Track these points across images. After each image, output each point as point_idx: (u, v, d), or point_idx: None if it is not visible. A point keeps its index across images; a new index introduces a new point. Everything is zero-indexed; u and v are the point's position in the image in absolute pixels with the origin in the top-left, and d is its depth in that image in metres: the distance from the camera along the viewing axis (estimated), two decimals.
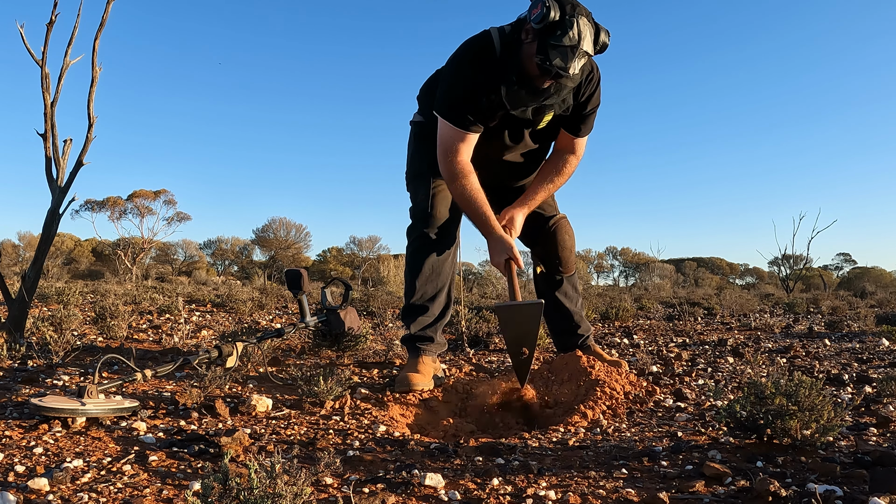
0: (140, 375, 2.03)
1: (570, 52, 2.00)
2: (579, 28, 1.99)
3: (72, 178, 3.09)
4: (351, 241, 35.07)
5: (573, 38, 1.99)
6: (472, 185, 2.25)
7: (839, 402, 1.65)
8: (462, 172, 2.25)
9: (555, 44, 1.99)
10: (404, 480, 1.35)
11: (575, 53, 2.01)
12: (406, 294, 2.53)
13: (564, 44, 1.99)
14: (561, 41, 1.99)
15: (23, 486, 1.27)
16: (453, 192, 2.30)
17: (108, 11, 3.13)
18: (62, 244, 30.60)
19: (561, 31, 1.99)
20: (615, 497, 1.28)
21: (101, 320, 3.71)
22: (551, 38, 2.00)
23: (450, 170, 2.26)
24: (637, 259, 37.74)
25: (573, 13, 2.00)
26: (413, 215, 2.54)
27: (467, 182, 2.25)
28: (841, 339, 3.97)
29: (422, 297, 2.49)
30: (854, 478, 1.33)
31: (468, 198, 2.25)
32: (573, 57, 2.01)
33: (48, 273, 19.65)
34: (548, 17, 1.98)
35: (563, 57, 2.00)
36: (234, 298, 6.25)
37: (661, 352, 3.35)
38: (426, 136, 2.46)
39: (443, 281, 2.51)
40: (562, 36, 1.99)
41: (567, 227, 2.58)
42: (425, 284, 2.48)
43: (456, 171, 2.25)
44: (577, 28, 1.99)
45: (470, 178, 2.25)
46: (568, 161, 2.45)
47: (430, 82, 2.51)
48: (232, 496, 1.05)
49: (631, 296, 10.38)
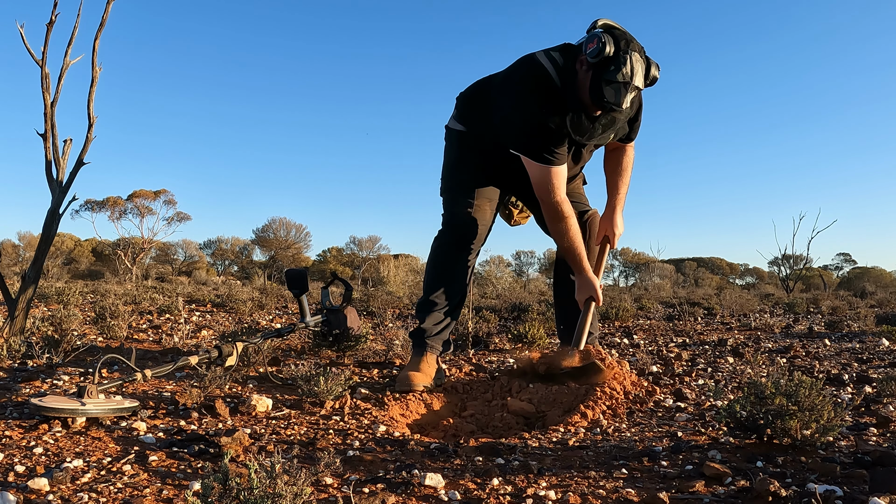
0: (140, 375, 2.03)
1: (623, 89, 2.09)
2: (632, 64, 2.08)
3: (72, 178, 3.09)
4: (351, 241, 35.07)
5: (626, 75, 2.08)
6: (574, 227, 2.36)
7: (839, 402, 1.65)
8: (565, 214, 2.34)
9: (609, 79, 2.08)
10: (404, 480, 1.35)
11: (627, 89, 2.10)
12: (426, 289, 2.57)
13: (618, 80, 2.07)
14: (615, 77, 2.07)
15: (23, 486, 1.27)
16: (554, 230, 2.38)
17: (108, 11, 3.13)
18: (62, 244, 30.59)
19: (615, 66, 2.07)
20: (615, 497, 1.28)
21: (101, 320, 3.72)
22: (605, 73, 2.08)
23: (553, 210, 2.34)
24: (637, 259, 37.74)
25: (627, 49, 2.08)
26: (447, 223, 2.57)
27: (570, 224, 2.35)
28: (841, 339, 3.97)
29: (440, 295, 2.52)
30: (854, 478, 1.33)
31: (569, 239, 2.36)
32: (626, 92, 2.10)
33: (48, 273, 19.65)
34: (603, 52, 2.06)
35: (616, 92, 2.10)
36: (234, 298, 6.25)
37: (661, 352, 3.36)
38: (469, 146, 2.52)
39: (461, 284, 2.56)
40: (615, 72, 2.07)
41: (598, 221, 2.67)
42: (447, 284, 2.52)
43: (559, 212, 2.34)
44: (630, 64, 2.08)
45: (571, 220, 2.36)
46: (628, 153, 2.61)
47: (476, 91, 2.53)
48: (232, 496, 1.05)
49: (631, 296, 10.38)
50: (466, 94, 2.57)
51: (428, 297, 2.54)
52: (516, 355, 3.21)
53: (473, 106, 2.52)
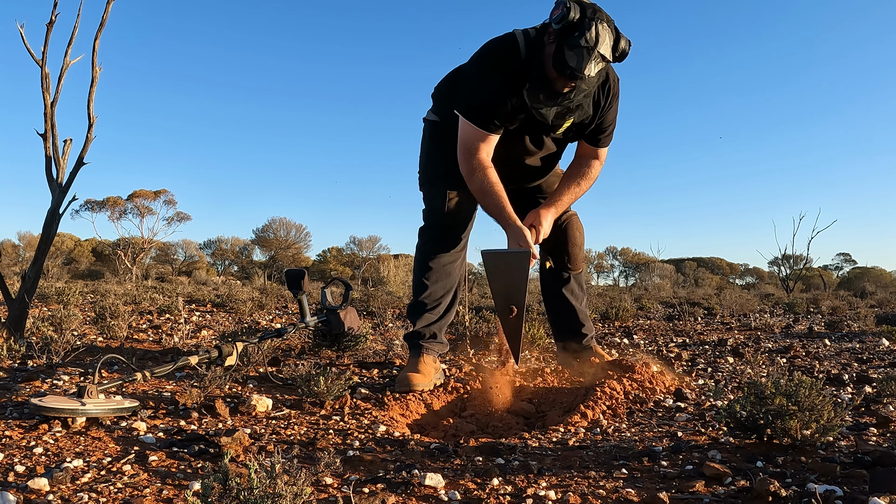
0: (140, 375, 2.03)
1: (587, 54, 2.01)
2: (597, 30, 2.01)
3: (72, 178, 3.09)
4: (351, 241, 35.08)
5: (590, 40, 2.00)
6: (491, 177, 2.24)
7: (839, 402, 1.65)
8: (481, 166, 2.25)
9: (572, 44, 2.01)
10: (404, 480, 1.35)
11: (591, 55, 2.01)
12: (415, 291, 2.54)
13: (581, 45, 2.00)
14: (578, 42, 2.00)
15: (23, 486, 1.27)
16: (472, 185, 2.29)
17: (108, 11, 3.13)
18: (62, 244, 30.59)
19: (579, 32, 2.00)
20: (615, 497, 1.28)
21: (101, 320, 3.71)
22: (569, 38, 2.01)
23: (469, 165, 2.27)
24: (637, 259, 37.74)
25: (593, 16, 2.02)
26: (427, 218, 2.54)
27: (486, 175, 2.24)
28: (841, 339, 3.97)
29: (430, 295, 2.49)
30: (854, 478, 1.33)
31: (487, 190, 2.23)
32: (589, 59, 2.02)
33: (48, 273, 19.65)
34: (567, 16, 2.01)
35: (579, 58, 2.01)
36: (234, 298, 6.25)
37: (661, 352, 3.36)
38: (442, 135, 2.47)
39: (451, 282, 2.52)
40: (579, 37, 2.00)
41: (578, 223, 2.59)
42: (435, 283, 2.49)
43: (475, 165, 2.25)
44: (596, 30, 2.01)
45: (489, 171, 2.25)
46: (592, 166, 2.46)
47: (447, 80, 2.51)
48: (232, 496, 1.05)
49: (631, 296, 10.38)
50: (440, 83, 2.54)
51: (417, 299, 2.51)
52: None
53: (446, 94, 2.49)
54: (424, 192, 2.58)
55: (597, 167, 2.47)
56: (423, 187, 2.59)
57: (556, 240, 2.57)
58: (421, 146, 2.64)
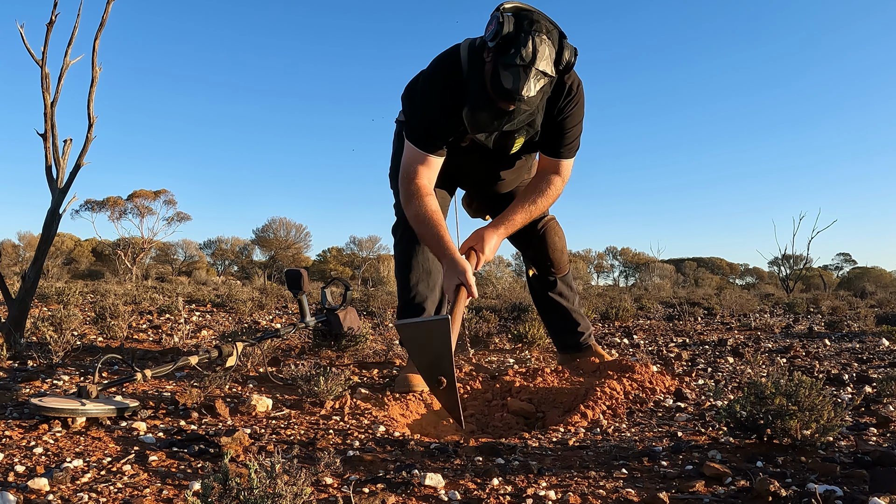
0: (140, 375, 2.03)
1: (523, 73, 1.83)
2: (534, 45, 1.83)
3: (72, 178, 3.09)
4: (351, 241, 35.08)
5: (526, 57, 1.82)
6: (428, 205, 2.10)
7: (839, 402, 1.65)
8: (418, 193, 2.11)
9: (507, 63, 1.83)
10: (404, 480, 1.35)
11: (528, 73, 1.83)
12: (400, 293, 2.50)
13: (516, 63, 1.82)
14: (513, 60, 1.82)
15: (23, 486, 1.27)
16: (408, 213, 2.15)
17: (108, 11, 3.13)
18: (62, 244, 30.59)
19: (514, 48, 1.82)
20: (615, 497, 1.28)
21: (101, 320, 3.71)
22: (504, 56, 1.84)
23: (406, 190, 2.14)
24: (637, 259, 37.74)
25: (529, 29, 1.83)
26: (398, 211, 2.48)
27: (423, 203, 2.10)
28: (841, 339, 3.97)
29: (416, 296, 2.44)
30: (854, 478, 1.33)
31: (423, 219, 2.08)
32: (526, 77, 1.83)
33: (48, 273, 19.65)
34: (500, 32, 1.83)
35: (516, 78, 1.83)
36: (234, 298, 6.25)
37: (661, 352, 3.35)
38: None
39: (434, 278, 2.45)
40: (514, 55, 1.82)
41: (557, 228, 2.55)
42: (418, 283, 2.44)
43: (412, 191, 2.12)
44: (532, 45, 1.82)
45: (426, 199, 2.11)
46: (552, 182, 2.27)
47: (412, 83, 2.49)
48: (232, 496, 1.05)
49: (631, 296, 10.38)
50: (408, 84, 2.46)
51: (404, 301, 2.47)
52: (516, 356, 3.21)
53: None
54: (394, 185, 2.52)
55: (557, 184, 2.28)
56: (392, 182, 2.55)
57: (536, 248, 2.54)
58: (392, 147, 2.61)
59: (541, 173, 2.32)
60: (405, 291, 2.46)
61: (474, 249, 2.17)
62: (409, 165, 2.17)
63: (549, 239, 2.52)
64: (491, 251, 2.17)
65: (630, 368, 2.38)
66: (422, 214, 2.09)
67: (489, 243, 2.16)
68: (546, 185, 2.27)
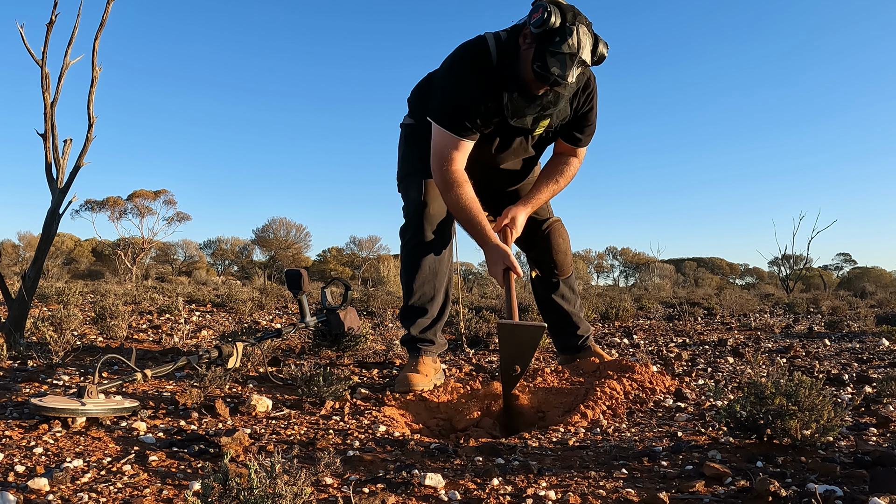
0: (140, 375, 2.03)
1: (569, 60, 1.99)
2: (579, 36, 1.98)
3: (72, 178, 3.09)
4: (351, 241, 35.09)
5: (572, 46, 1.98)
6: (467, 194, 2.21)
7: (839, 402, 1.65)
8: (457, 181, 2.21)
9: (554, 50, 1.98)
10: (404, 480, 1.35)
11: (573, 61, 1.99)
12: (404, 295, 2.50)
13: (563, 51, 1.97)
14: (560, 48, 1.97)
15: (23, 486, 1.27)
16: (447, 201, 2.27)
17: (108, 11, 3.13)
18: (62, 244, 30.60)
19: (560, 37, 1.98)
20: (615, 497, 1.28)
21: (101, 320, 3.71)
22: (550, 44, 1.98)
23: (444, 178, 2.23)
24: (637, 259, 37.74)
25: (574, 21, 1.99)
26: (407, 213, 2.49)
27: (462, 191, 2.21)
28: (841, 339, 3.97)
29: (420, 298, 2.45)
30: (854, 478, 1.33)
31: (463, 207, 2.21)
32: (571, 65, 2.00)
33: (48, 273, 19.65)
34: (548, 22, 1.97)
35: (562, 64, 1.99)
36: (234, 298, 6.25)
37: (661, 352, 3.35)
38: (417, 137, 2.45)
39: (440, 280, 2.47)
40: (561, 43, 1.97)
41: (561, 230, 2.56)
42: (423, 285, 2.44)
43: (451, 179, 2.21)
44: (577, 36, 1.98)
45: (465, 187, 2.22)
46: (570, 163, 2.44)
47: (421, 86, 2.49)
48: (232, 496, 1.05)
49: (631, 296, 10.38)
50: (415, 87, 2.52)
51: (408, 303, 2.48)
52: None
53: (420, 98, 2.47)
54: (402, 189, 2.55)
55: (575, 165, 2.45)
56: (400, 185, 2.57)
57: (540, 249, 2.55)
58: (398, 150, 2.63)
59: (559, 155, 2.47)
60: (410, 293, 2.46)
61: (507, 226, 2.36)
62: (444, 151, 2.23)
63: (554, 240, 2.53)
64: (520, 226, 2.37)
65: (630, 368, 2.38)
66: (462, 204, 2.22)
67: (520, 219, 2.37)
68: (566, 165, 2.45)
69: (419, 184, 2.42)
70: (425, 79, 2.49)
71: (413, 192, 2.45)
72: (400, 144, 2.62)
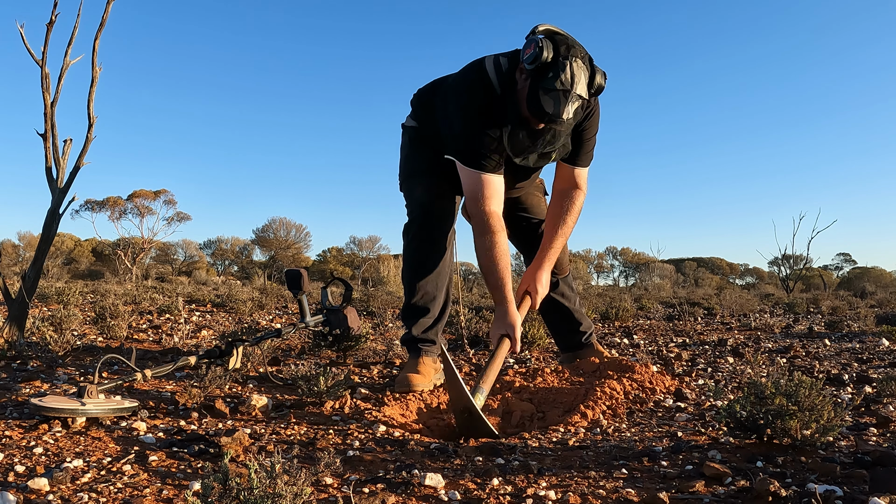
0: (140, 375, 2.03)
1: (563, 97, 1.93)
2: (572, 71, 1.92)
3: (72, 178, 3.09)
4: (351, 241, 35.10)
5: (566, 82, 1.92)
6: (501, 245, 2.15)
7: (839, 402, 1.65)
8: (493, 228, 2.15)
9: (547, 87, 1.92)
10: (404, 480, 1.35)
11: (567, 98, 1.93)
12: (406, 294, 2.50)
13: (556, 87, 1.92)
14: (553, 85, 1.92)
15: (23, 486, 1.27)
16: (478, 244, 2.19)
17: (108, 11, 3.13)
18: (62, 244, 30.60)
19: (553, 73, 1.92)
20: (615, 497, 1.28)
21: (101, 320, 3.71)
22: (543, 81, 1.93)
23: (481, 221, 2.17)
24: (637, 259, 37.74)
25: (567, 54, 1.93)
26: (410, 213, 2.49)
27: (496, 240, 2.15)
28: (841, 339, 3.97)
29: (422, 297, 2.45)
30: (854, 478, 1.33)
31: (492, 258, 2.14)
32: (565, 102, 1.94)
33: (48, 273, 19.65)
34: (540, 57, 1.91)
35: (556, 102, 1.93)
36: (234, 298, 6.25)
37: (661, 352, 3.35)
38: (421, 139, 2.45)
39: (442, 280, 2.47)
40: (553, 79, 1.91)
41: None
42: (426, 285, 2.44)
43: (487, 224, 2.16)
44: (571, 71, 1.92)
45: (499, 235, 2.16)
46: (574, 198, 2.36)
47: (427, 91, 2.48)
48: (232, 496, 1.05)
49: (631, 296, 10.38)
50: (420, 92, 2.51)
51: (410, 302, 2.47)
52: (516, 355, 3.21)
53: (425, 105, 2.46)
54: (405, 189, 2.54)
55: (580, 199, 2.37)
56: (402, 185, 2.57)
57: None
58: (400, 151, 2.62)
59: (560, 192, 2.39)
60: (413, 292, 2.46)
61: (528, 292, 2.30)
62: (475, 193, 2.18)
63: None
64: (544, 289, 2.32)
65: (630, 368, 2.38)
66: (492, 254, 2.15)
67: (541, 282, 2.30)
68: (570, 202, 2.37)
69: (422, 184, 2.42)
70: (430, 85, 2.48)
71: (416, 192, 2.45)
72: (403, 145, 2.61)
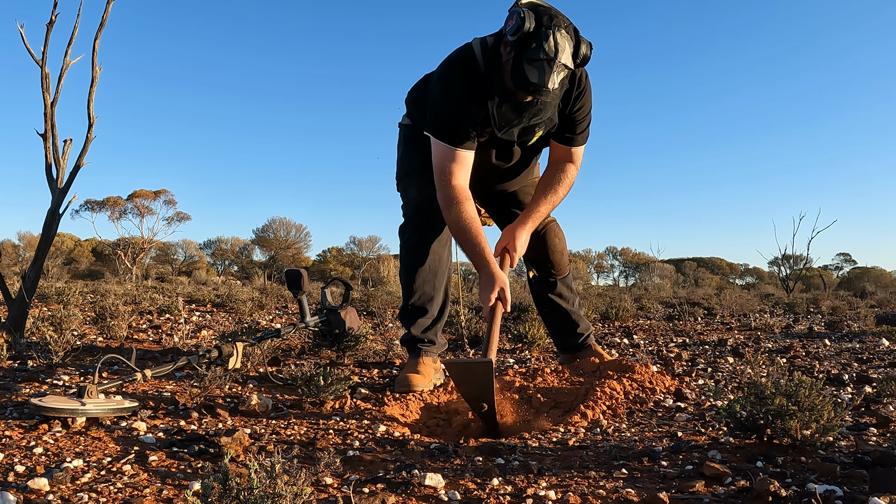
0: (140, 375, 2.03)
1: (547, 66, 1.91)
2: (556, 40, 1.90)
3: (72, 178, 3.09)
4: (351, 241, 35.11)
5: (549, 51, 1.90)
6: (468, 213, 2.14)
7: (839, 402, 1.65)
8: (458, 199, 2.14)
9: (531, 57, 1.91)
10: (404, 480, 1.35)
11: (552, 67, 1.91)
12: (404, 295, 2.50)
13: (540, 57, 1.90)
14: (537, 55, 1.90)
15: (23, 486, 1.27)
16: (447, 218, 2.19)
17: (108, 11, 3.13)
18: (62, 244, 30.60)
19: (536, 43, 1.90)
20: (615, 497, 1.28)
21: (101, 320, 3.71)
22: (527, 51, 1.91)
23: (445, 194, 2.17)
24: (637, 259, 37.75)
25: (550, 24, 1.91)
26: (406, 212, 2.49)
27: (463, 209, 2.13)
28: (841, 339, 3.97)
29: (420, 297, 2.45)
30: (854, 478, 1.33)
31: (463, 227, 2.13)
32: (550, 71, 1.92)
33: (48, 273, 19.65)
34: (522, 27, 1.90)
35: (540, 71, 1.91)
36: (234, 298, 6.25)
37: (661, 352, 3.35)
38: (415, 137, 2.45)
39: (440, 280, 2.47)
40: (537, 49, 1.90)
41: (557, 230, 2.55)
42: (423, 285, 2.44)
43: (452, 196, 2.15)
44: (554, 40, 1.90)
45: (465, 204, 2.14)
46: (567, 170, 2.35)
47: (417, 87, 2.48)
48: (232, 496, 1.05)
49: (631, 296, 10.38)
50: (413, 89, 2.51)
51: (408, 303, 2.47)
52: (516, 355, 3.21)
53: (417, 100, 2.46)
54: (401, 188, 2.55)
55: (572, 171, 2.36)
56: (399, 185, 2.57)
57: (536, 250, 2.53)
58: (397, 150, 2.62)
59: (555, 164, 2.38)
60: (410, 292, 2.46)
61: (507, 249, 2.25)
62: (443, 165, 2.18)
63: (550, 241, 2.52)
64: (522, 247, 2.27)
65: (630, 368, 2.38)
66: (462, 223, 2.13)
67: (520, 240, 2.26)
68: (563, 173, 2.35)
69: (418, 184, 2.42)
70: (421, 80, 2.48)
71: (412, 192, 2.44)
72: (399, 144, 2.62)
